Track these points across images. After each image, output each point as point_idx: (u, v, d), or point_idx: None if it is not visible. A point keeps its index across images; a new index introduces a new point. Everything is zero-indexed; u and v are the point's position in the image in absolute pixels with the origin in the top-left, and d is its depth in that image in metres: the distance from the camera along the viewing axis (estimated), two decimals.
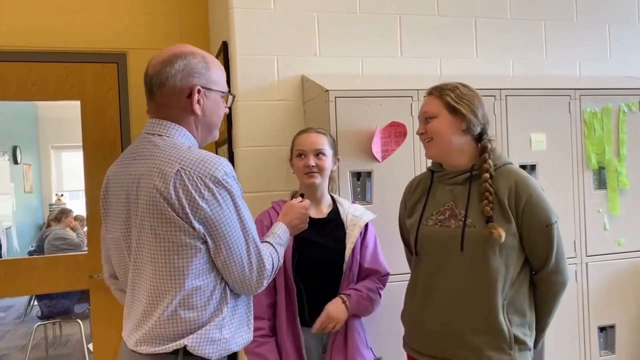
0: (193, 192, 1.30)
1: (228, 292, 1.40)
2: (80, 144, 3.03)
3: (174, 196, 1.30)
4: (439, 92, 1.75)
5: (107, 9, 3.00)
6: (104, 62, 3.03)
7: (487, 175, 1.68)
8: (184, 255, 1.32)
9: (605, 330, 2.60)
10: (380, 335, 2.18)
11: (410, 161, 2.33)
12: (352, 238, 1.98)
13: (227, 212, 1.34)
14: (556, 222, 1.68)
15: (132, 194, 1.37)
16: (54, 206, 6.18)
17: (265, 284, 1.44)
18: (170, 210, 1.30)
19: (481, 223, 1.66)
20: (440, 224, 1.75)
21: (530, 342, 1.71)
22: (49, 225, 5.29)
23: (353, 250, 1.97)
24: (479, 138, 1.75)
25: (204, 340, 1.35)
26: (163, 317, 1.34)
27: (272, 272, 1.46)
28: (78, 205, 5.52)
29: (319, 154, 1.98)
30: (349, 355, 1.92)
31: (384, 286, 2.05)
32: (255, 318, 1.87)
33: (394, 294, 2.11)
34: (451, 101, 1.72)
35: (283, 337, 1.90)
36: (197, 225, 1.31)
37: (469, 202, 1.70)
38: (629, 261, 2.62)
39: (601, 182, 2.59)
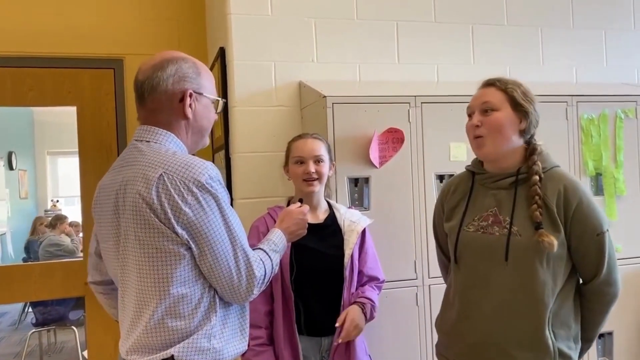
0: (176, 196, 1.27)
1: (217, 300, 1.37)
2: (76, 149, 3.02)
3: (156, 201, 1.28)
4: (503, 85, 1.61)
5: (104, 15, 3.00)
6: (100, 68, 3.03)
7: (537, 177, 1.55)
8: (168, 262, 1.30)
9: (604, 337, 2.59)
10: (380, 343, 2.16)
11: (408, 167, 2.32)
12: (350, 244, 1.96)
13: (211, 217, 1.31)
14: (607, 230, 1.56)
15: (120, 201, 1.36)
16: (49, 212, 6.16)
17: (256, 292, 1.40)
18: (152, 215, 1.28)
19: (528, 231, 1.55)
20: (482, 230, 1.63)
21: (575, 355, 1.60)
22: (32, 232, 5.28)
23: (352, 255, 1.96)
24: (527, 142, 1.64)
25: (192, 350, 1.32)
26: (150, 325, 1.32)
27: (263, 279, 1.42)
28: (73, 211, 5.50)
29: (317, 160, 1.97)
30: None
31: (380, 292, 2.05)
32: (253, 326, 1.85)
33: (393, 300, 2.11)
34: (517, 97, 1.59)
35: (280, 346, 1.88)
36: (180, 230, 1.28)
37: (514, 208, 1.58)
38: (626, 267, 2.61)
39: (598, 189, 2.59)
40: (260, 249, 1.50)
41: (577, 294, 1.63)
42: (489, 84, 1.65)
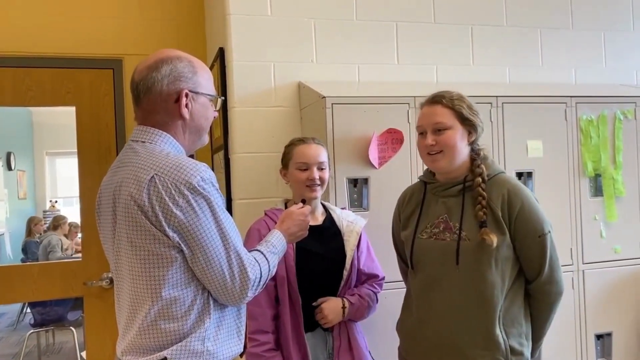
0: (167, 199, 1.27)
1: (211, 303, 1.36)
2: (75, 150, 3.01)
3: (147, 204, 1.27)
4: (450, 102, 1.69)
5: (103, 15, 3.00)
6: (99, 68, 3.02)
7: (480, 179, 1.67)
8: (160, 265, 1.30)
9: (602, 338, 2.59)
10: (375, 341, 2.16)
11: (407, 168, 2.32)
12: (350, 244, 1.97)
13: (203, 219, 1.30)
14: (549, 232, 1.66)
15: (116, 202, 1.36)
16: (47, 212, 6.15)
17: (251, 294, 1.39)
18: (144, 218, 1.28)
19: (476, 235, 1.64)
20: (435, 237, 1.72)
21: (527, 352, 1.69)
22: (28, 234, 5.29)
23: (352, 255, 1.96)
24: (472, 149, 1.75)
25: (185, 352, 1.31)
26: (143, 327, 1.32)
27: (259, 281, 1.40)
28: (72, 212, 5.50)
29: (320, 166, 1.97)
30: (355, 358, 1.93)
31: (381, 289, 2.05)
32: (261, 332, 1.84)
33: (390, 301, 2.10)
34: (465, 113, 1.68)
35: (289, 350, 1.86)
36: (171, 233, 1.28)
37: (463, 214, 1.68)
38: (625, 268, 2.62)
39: (597, 190, 2.59)
40: (257, 250, 1.48)
41: (526, 293, 1.72)
42: (435, 101, 1.72)
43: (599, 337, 2.58)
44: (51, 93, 2.97)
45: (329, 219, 2.04)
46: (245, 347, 1.82)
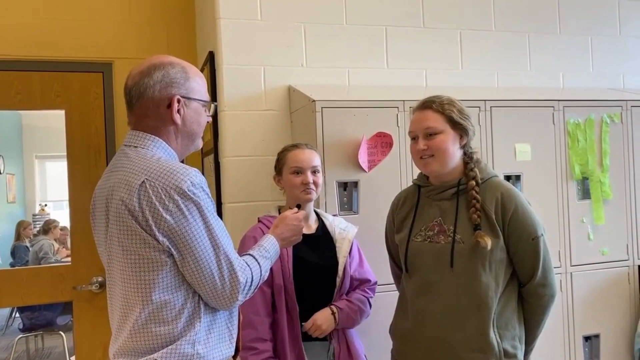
0: (157, 203, 1.28)
1: (202, 307, 1.37)
2: (65, 153, 3.00)
3: (137, 208, 1.28)
4: (440, 107, 1.71)
5: (93, 18, 2.99)
6: (89, 72, 3.01)
7: (474, 182, 1.68)
8: (150, 268, 1.31)
9: (590, 340, 2.61)
10: (367, 344, 2.17)
11: (397, 171, 2.34)
12: (343, 252, 1.98)
13: (193, 223, 1.31)
14: (542, 235, 1.68)
15: (108, 207, 1.37)
16: (37, 216, 6.11)
17: (242, 297, 1.39)
18: (134, 222, 1.29)
19: (470, 238, 1.65)
20: (429, 239, 1.73)
21: (520, 354, 1.70)
22: (17, 237, 5.26)
23: (344, 263, 1.97)
24: (465, 152, 1.76)
25: (175, 355, 1.32)
26: (134, 330, 1.33)
27: (250, 285, 1.41)
28: (62, 216, 5.47)
29: (314, 170, 1.98)
30: None
31: (374, 294, 2.06)
32: (259, 340, 1.84)
33: (381, 304, 2.11)
34: (455, 117, 1.70)
35: (286, 357, 1.86)
36: (161, 237, 1.29)
37: (457, 217, 1.69)
38: (613, 270, 2.64)
39: (585, 193, 2.62)
40: (249, 254, 1.49)
41: (520, 296, 1.73)
42: (426, 106, 1.74)
43: (587, 338, 2.60)
44: (40, 96, 2.95)
45: (322, 227, 2.04)
46: (237, 350, 1.82)
